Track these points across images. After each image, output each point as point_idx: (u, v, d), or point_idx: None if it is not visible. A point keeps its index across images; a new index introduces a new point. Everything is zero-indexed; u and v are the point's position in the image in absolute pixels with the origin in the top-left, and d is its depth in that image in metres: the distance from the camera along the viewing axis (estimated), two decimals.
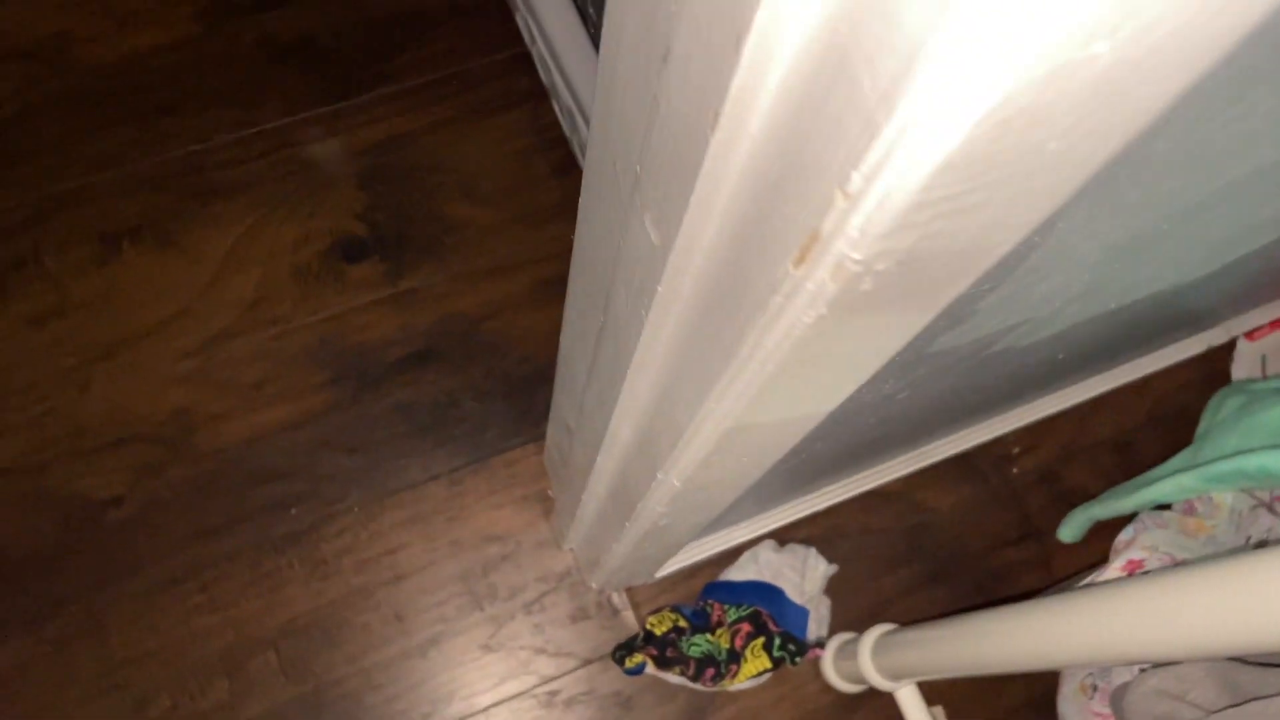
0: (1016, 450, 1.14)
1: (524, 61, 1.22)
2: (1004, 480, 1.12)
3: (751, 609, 0.96)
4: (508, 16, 1.24)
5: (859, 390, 0.41)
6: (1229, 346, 1.18)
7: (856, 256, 0.26)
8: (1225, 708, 0.52)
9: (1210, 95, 0.29)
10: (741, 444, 0.45)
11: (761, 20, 0.23)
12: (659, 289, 0.38)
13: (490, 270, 1.14)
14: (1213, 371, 1.19)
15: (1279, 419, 0.76)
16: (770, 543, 1.02)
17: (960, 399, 0.82)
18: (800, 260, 0.28)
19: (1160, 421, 1.18)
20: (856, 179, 0.24)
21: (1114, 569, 0.70)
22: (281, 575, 0.99)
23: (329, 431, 1.05)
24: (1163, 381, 1.17)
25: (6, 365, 1.04)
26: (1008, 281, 0.40)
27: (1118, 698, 0.62)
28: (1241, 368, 1.17)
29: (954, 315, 0.41)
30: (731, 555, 1.01)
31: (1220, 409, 0.89)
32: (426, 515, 1.03)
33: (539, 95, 1.22)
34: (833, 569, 1.03)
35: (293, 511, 1.01)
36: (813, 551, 1.02)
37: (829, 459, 0.85)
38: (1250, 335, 1.16)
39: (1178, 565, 0.69)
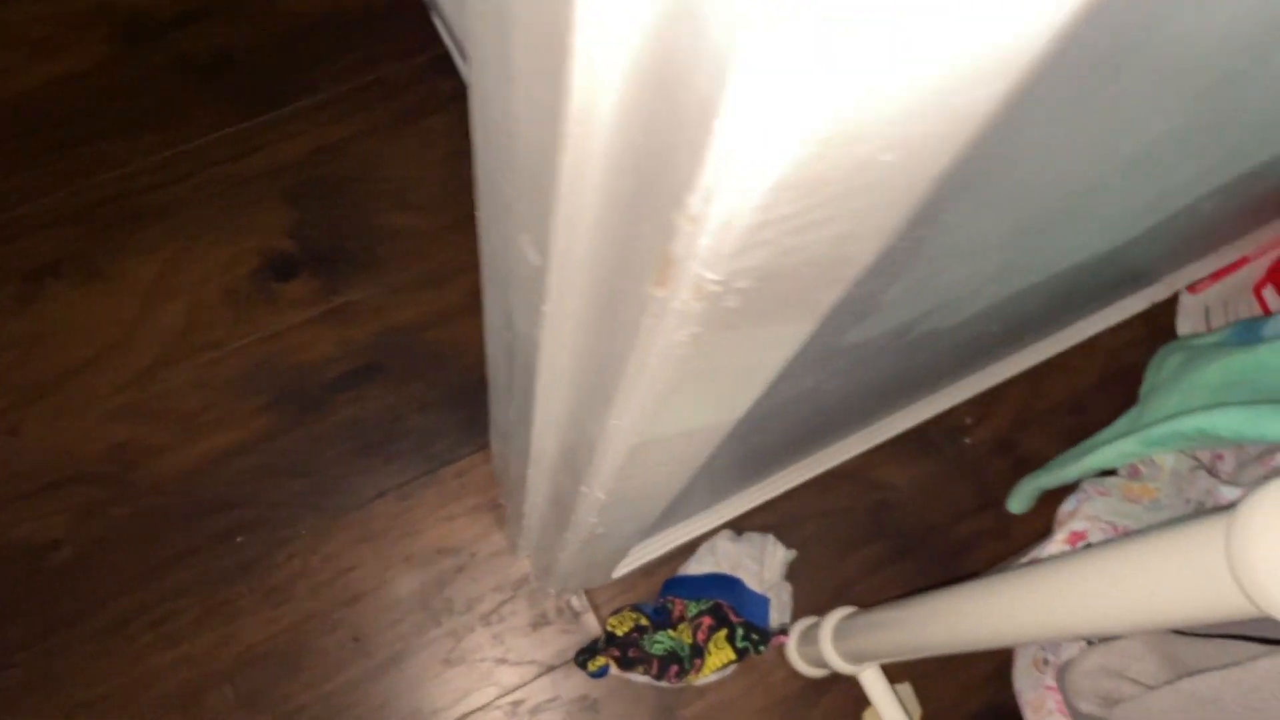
0: (969, 420, 1.13)
1: (445, 63, 1.20)
2: (959, 451, 1.12)
3: (712, 602, 0.95)
4: (425, 18, 1.21)
5: (768, 393, 0.40)
6: (1173, 300, 1.18)
7: (713, 276, 0.25)
8: (1164, 682, 0.51)
9: (1074, 83, 0.28)
10: (654, 456, 0.44)
11: (581, 42, 0.22)
12: (545, 308, 0.36)
13: (427, 279, 1.12)
14: (1159, 326, 1.19)
15: (1216, 376, 0.75)
16: (728, 533, 1.01)
17: (899, 379, 0.81)
18: (660, 282, 0.27)
19: (1112, 380, 1.18)
20: (695, 202, 0.22)
21: (1057, 541, 0.70)
22: (234, 606, 0.97)
23: (273, 456, 1.03)
24: (1111, 339, 1.17)
25: None
26: (906, 275, 0.39)
27: (1063, 674, 0.61)
28: (1186, 321, 1.17)
29: (856, 311, 0.40)
30: (689, 549, 1.00)
31: (1162, 367, 0.89)
32: (378, 533, 1.01)
33: (463, 96, 1.19)
34: (792, 554, 1.02)
35: (240, 540, 0.99)
36: (770, 538, 1.02)
37: (774, 449, 0.84)
38: (1192, 288, 1.16)
39: (1118, 536, 0.69)
